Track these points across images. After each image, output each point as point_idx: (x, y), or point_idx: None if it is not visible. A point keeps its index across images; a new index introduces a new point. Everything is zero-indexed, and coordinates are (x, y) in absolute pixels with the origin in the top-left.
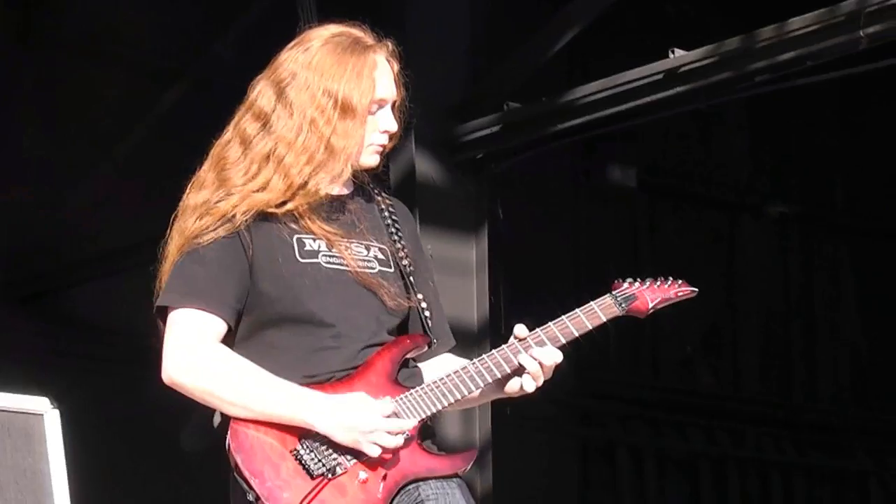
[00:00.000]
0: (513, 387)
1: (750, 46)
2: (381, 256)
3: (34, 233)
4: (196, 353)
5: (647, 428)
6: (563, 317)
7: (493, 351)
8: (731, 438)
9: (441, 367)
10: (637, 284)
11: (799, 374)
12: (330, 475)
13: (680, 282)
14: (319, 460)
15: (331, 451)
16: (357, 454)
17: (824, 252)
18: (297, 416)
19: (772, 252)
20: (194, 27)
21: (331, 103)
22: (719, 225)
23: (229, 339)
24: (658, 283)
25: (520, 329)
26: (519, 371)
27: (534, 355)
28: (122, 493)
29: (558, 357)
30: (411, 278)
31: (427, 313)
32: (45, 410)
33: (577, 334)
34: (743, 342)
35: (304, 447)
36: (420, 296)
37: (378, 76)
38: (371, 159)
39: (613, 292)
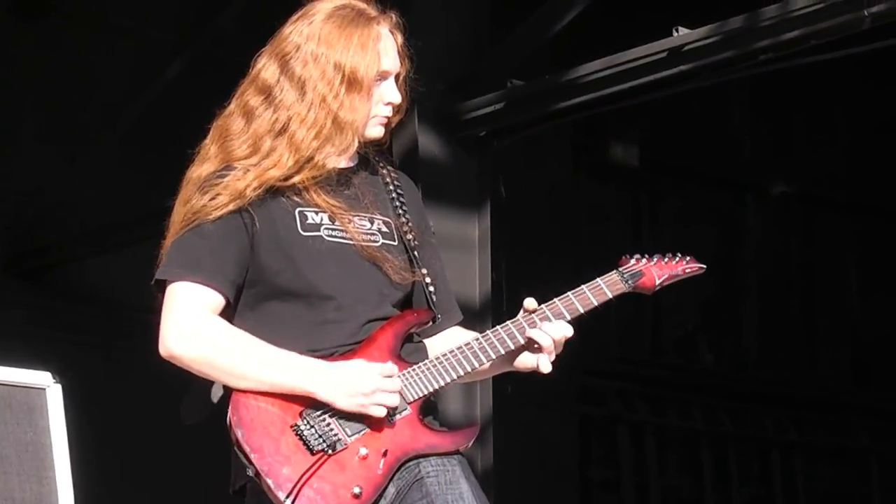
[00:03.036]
0: (525, 363)
1: (754, 25)
2: (384, 230)
3: (37, 207)
4: (193, 326)
5: (647, 405)
6: (569, 293)
7: (506, 323)
8: (731, 416)
9: (449, 341)
10: (644, 261)
11: (799, 352)
12: (330, 451)
13: (688, 258)
14: (319, 436)
15: (331, 426)
16: (358, 430)
17: (825, 230)
18: (298, 384)
19: (773, 230)
20: (198, 0)
21: (338, 77)
22: (721, 203)
23: (228, 314)
24: (665, 259)
25: (529, 302)
26: (529, 345)
27: (545, 330)
28: (123, 466)
29: (569, 331)
30: (416, 252)
31: (431, 288)
32: (47, 385)
33: (582, 311)
34: (744, 320)
35: (305, 422)
36: (424, 270)
37: (382, 48)
38: (375, 131)
39: (620, 269)
